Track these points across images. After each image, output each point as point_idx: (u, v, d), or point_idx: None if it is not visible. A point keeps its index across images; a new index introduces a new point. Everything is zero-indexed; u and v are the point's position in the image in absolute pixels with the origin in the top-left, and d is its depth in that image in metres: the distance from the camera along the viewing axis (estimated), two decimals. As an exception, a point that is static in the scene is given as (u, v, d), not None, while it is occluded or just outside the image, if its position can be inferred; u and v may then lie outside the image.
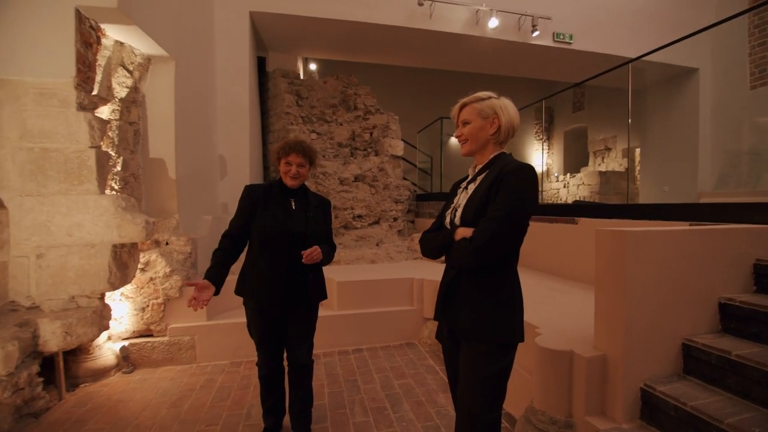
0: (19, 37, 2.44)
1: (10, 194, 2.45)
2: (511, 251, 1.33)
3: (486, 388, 1.28)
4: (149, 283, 3.17)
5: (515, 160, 1.38)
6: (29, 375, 2.28)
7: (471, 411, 1.30)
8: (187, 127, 3.78)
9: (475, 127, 1.40)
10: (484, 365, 1.28)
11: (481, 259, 1.26)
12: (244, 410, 2.47)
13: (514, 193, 1.26)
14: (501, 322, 1.29)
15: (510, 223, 1.24)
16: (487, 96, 1.42)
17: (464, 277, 1.36)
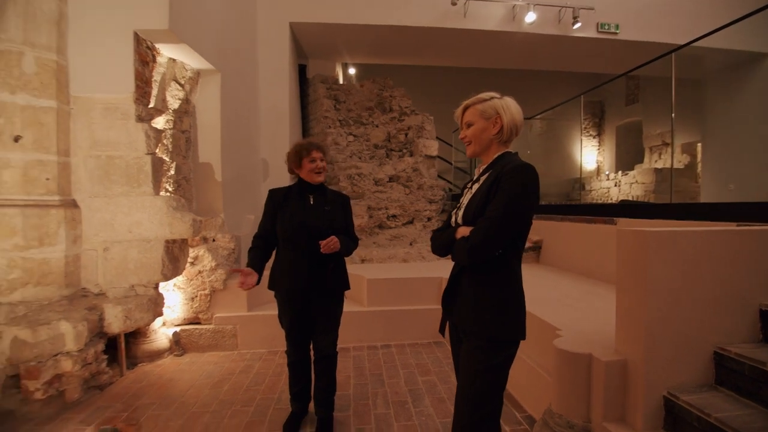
0: (88, 59, 2.83)
1: (82, 196, 2.85)
2: (510, 250, 1.35)
3: (482, 382, 1.32)
4: (197, 276, 3.50)
5: (517, 160, 1.39)
6: (96, 352, 2.64)
7: (465, 404, 1.34)
8: (232, 134, 4.10)
9: (478, 129, 1.43)
10: (480, 360, 1.33)
11: (477, 257, 1.31)
12: (276, 395, 2.67)
13: (510, 193, 1.28)
14: (497, 319, 1.32)
15: (505, 222, 1.27)
16: (489, 96, 1.45)
17: (465, 274, 1.41)
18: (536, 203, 1.37)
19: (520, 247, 1.39)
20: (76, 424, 2.32)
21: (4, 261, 2.55)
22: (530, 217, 1.37)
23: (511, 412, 2.46)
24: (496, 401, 1.37)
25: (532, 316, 2.55)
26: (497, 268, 1.35)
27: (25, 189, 2.61)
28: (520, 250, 1.40)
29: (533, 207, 1.35)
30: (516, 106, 1.45)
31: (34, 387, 2.40)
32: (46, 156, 2.66)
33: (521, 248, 1.40)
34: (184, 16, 3.08)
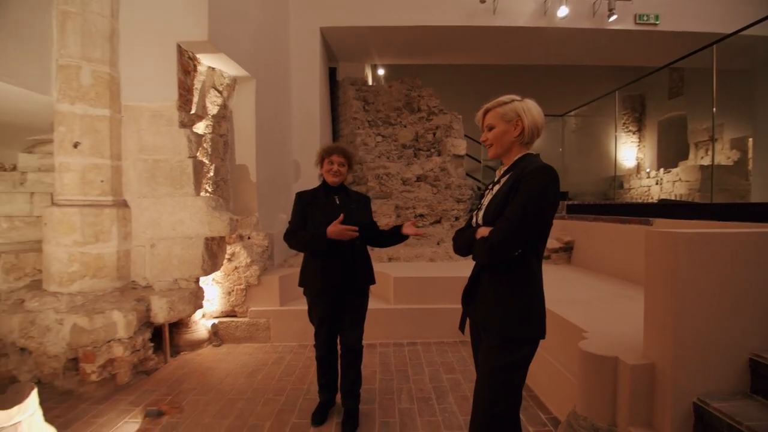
0: (136, 70, 3.07)
1: (132, 196, 3.10)
2: (529, 250, 1.37)
3: (495, 380, 1.36)
4: (234, 271, 3.70)
5: (537, 162, 1.40)
6: (143, 340, 2.88)
7: (481, 401, 1.38)
8: (266, 137, 4.29)
9: (499, 131, 1.46)
10: (496, 357, 1.36)
11: (495, 257, 1.34)
12: (305, 386, 2.80)
13: (530, 194, 1.31)
14: (516, 318, 1.35)
15: (524, 223, 1.30)
16: (509, 99, 1.47)
17: (485, 273, 1.45)
18: (556, 205, 1.38)
19: (540, 248, 1.41)
20: (125, 405, 2.55)
21: (65, 255, 2.83)
22: (550, 219, 1.39)
23: (536, 413, 2.46)
24: (513, 399, 1.40)
25: (558, 318, 2.53)
26: (516, 268, 1.38)
27: (83, 190, 2.88)
28: (540, 250, 1.42)
29: (553, 209, 1.37)
30: (537, 108, 1.47)
31: (90, 370, 2.66)
32: (101, 160, 2.92)
33: (541, 249, 1.42)
34: (222, 28, 3.27)
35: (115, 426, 2.30)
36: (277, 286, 3.72)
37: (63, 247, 2.80)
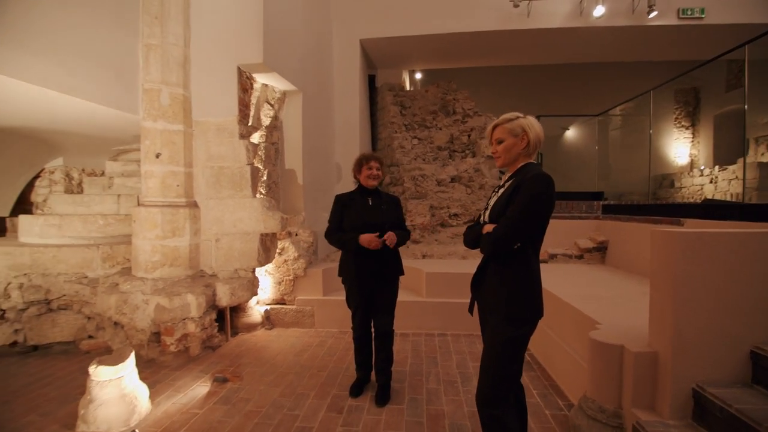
0: (204, 90, 3.61)
1: (201, 198, 3.65)
2: (526, 244, 1.62)
3: (498, 353, 1.62)
4: (284, 264, 4.18)
5: (536, 170, 1.65)
6: (210, 319, 3.40)
7: (486, 369, 1.65)
8: (311, 144, 4.74)
9: (508, 144, 1.71)
10: (499, 333, 1.63)
11: (498, 249, 1.61)
12: (345, 365, 3.18)
13: (528, 197, 1.56)
14: (515, 300, 1.61)
15: (522, 221, 1.55)
16: (515, 116, 1.72)
17: (491, 263, 1.72)
18: (551, 207, 1.62)
19: (537, 243, 1.66)
20: (197, 373, 3.06)
21: (149, 247, 3.41)
22: (546, 218, 1.62)
23: (554, 399, 2.65)
24: (514, 367, 1.65)
25: (576, 311, 2.70)
26: (516, 259, 1.63)
27: (163, 193, 3.45)
28: (537, 244, 1.66)
29: (548, 210, 1.60)
30: (538, 123, 1.71)
31: (169, 342, 3.21)
32: (177, 168, 3.48)
33: (537, 243, 1.66)
34: (274, 50, 3.73)
35: (190, 388, 2.80)
36: (321, 277, 4.14)
37: (147, 240, 3.39)
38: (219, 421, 2.38)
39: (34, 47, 2.90)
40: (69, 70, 3.15)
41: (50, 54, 3.01)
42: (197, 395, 2.70)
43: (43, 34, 2.94)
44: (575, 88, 9.48)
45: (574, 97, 9.56)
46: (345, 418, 2.41)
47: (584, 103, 9.28)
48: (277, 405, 2.56)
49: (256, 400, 2.62)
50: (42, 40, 2.94)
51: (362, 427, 2.31)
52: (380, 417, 2.42)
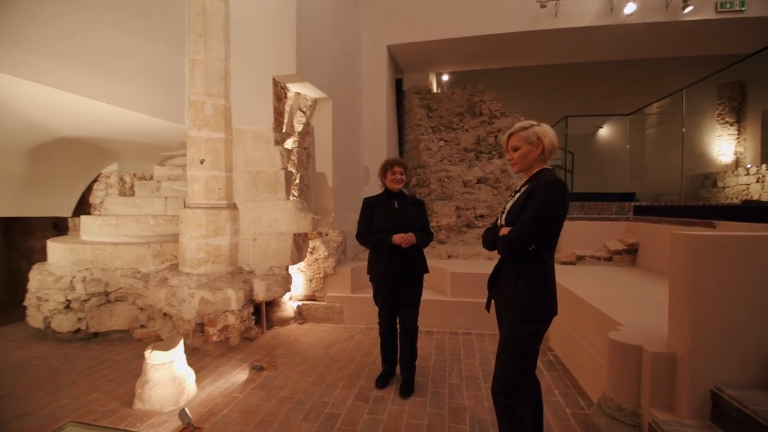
0: (242, 100, 3.89)
1: (239, 200, 3.93)
2: (541, 246, 1.71)
3: (512, 348, 1.73)
4: (315, 262, 4.41)
5: (550, 175, 1.74)
6: (248, 313, 3.67)
7: (501, 363, 1.76)
8: (341, 148, 4.96)
9: (523, 152, 1.81)
10: (514, 329, 1.73)
11: (513, 250, 1.72)
12: (371, 359, 3.35)
13: (541, 202, 1.66)
14: (529, 298, 1.71)
15: (535, 224, 1.65)
16: (529, 125, 1.81)
17: (507, 264, 1.83)
18: (564, 211, 1.71)
19: (551, 244, 1.75)
20: (236, 361, 3.32)
21: (195, 245, 3.72)
22: (559, 222, 1.71)
23: (576, 399, 2.70)
24: (527, 362, 1.75)
25: (598, 312, 2.73)
26: (531, 260, 1.73)
27: (206, 196, 3.76)
28: (551, 246, 1.75)
29: (560, 214, 1.69)
30: (552, 130, 1.80)
31: (212, 332, 3.50)
32: (219, 173, 3.78)
33: (552, 245, 1.75)
34: (306, 61, 3.97)
35: (230, 374, 3.07)
36: (350, 276, 4.34)
37: (193, 239, 3.70)
38: (256, 404, 2.61)
39: (97, 67, 3.26)
40: (126, 86, 3.51)
41: (110, 72, 3.37)
42: (237, 381, 2.95)
43: (105, 56, 3.30)
44: (605, 86, 9.21)
45: (605, 95, 9.29)
46: (371, 407, 2.57)
47: (616, 101, 9.00)
48: (308, 392, 2.77)
49: (289, 388, 2.84)
50: (104, 60, 3.30)
51: (386, 416, 2.46)
52: (404, 408, 2.57)
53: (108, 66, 3.34)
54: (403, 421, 2.41)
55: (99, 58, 3.27)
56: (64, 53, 3.01)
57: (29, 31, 2.78)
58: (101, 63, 3.29)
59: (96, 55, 3.25)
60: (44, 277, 3.91)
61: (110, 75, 3.37)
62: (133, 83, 3.57)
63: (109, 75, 3.36)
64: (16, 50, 2.74)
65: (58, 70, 2.99)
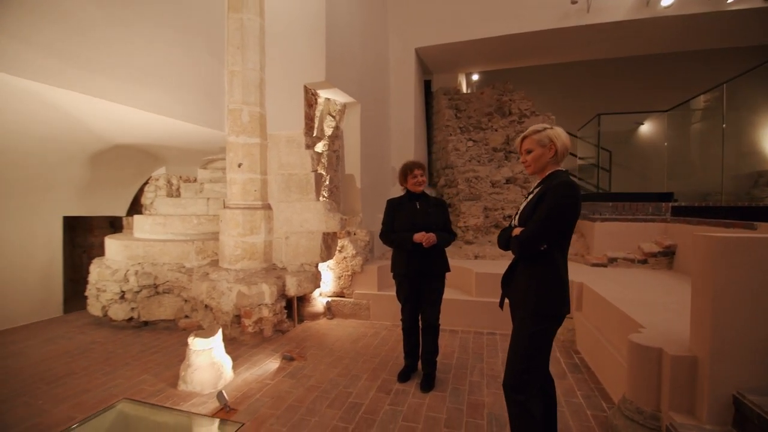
0: (275, 107, 4.14)
1: (273, 201, 4.19)
2: (552, 246, 1.76)
3: (524, 344, 1.79)
4: (343, 260, 4.59)
5: (562, 177, 1.78)
6: (280, 306, 3.90)
7: (513, 358, 1.83)
8: (369, 150, 5.12)
9: (536, 154, 1.86)
10: (526, 327, 1.79)
11: (524, 250, 1.78)
12: (395, 354, 3.47)
13: (551, 204, 1.71)
14: (541, 296, 1.76)
15: (545, 225, 1.71)
16: (542, 128, 1.86)
17: (520, 263, 1.89)
18: (575, 212, 1.74)
19: (563, 244, 1.79)
20: (269, 351, 3.56)
21: (233, 243, 4.01)
22: (570, 222, 1.75)
23: (598, 402, 2.68)
24: (537, 359, 1.81)
25: (623, 315, 2.70)
26: (543, 260, 1.78)
27: (243, 197, 4.04)
28: (563, 246, 1.79)
29: (572, 214, 1.73)
30: (564, 133, 1.84)
31: (248, 323, 3.76)
32: (255, 175, 4.04)
33: (564, 244, 1.79)
34: (335, 68, 4.15)
35: (263, 363, 3.30)
36: (376, 274, 4.49)
37: (231, 237, 3.99)
38: (286, 391, 2.81)
39: (148, 81, 3.61)
40: (172, 98, 3.85)
41: (159, 85, 3.72)
42: (269, 369, 3.17)
43: (155, 71, 3.65)
44: (641, 80, 8.77)
45: (642, 90, 8.85)
46: (392, 399, 2.70)
47: (654, 96, 8.55)
48: (334, 382, 2.94)
49: (317, 377, 3.02)
50: (154, 75, 3.65)
51: (407, 408, 2.58)
52: (424, 401, 2.67)
53: (157, 80, 3.68)
54: (423, 413, 2.52)
55: (150, 74, 3.61)
56: (121, 70, 3.37)
57: (94, 54, 3.15)
58: (151, 77, 3.63)
59: (147, 71, 3.59)
60: (102, 270, 4.36)
61: (159, 88, 3.72)
62: (179, 94, 3.91)
63: (158, 88, 3.71)
64: (83, 71, 3.10)
65: (115, 86, 3.35)
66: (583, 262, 4.74)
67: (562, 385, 2.90)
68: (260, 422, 2.41)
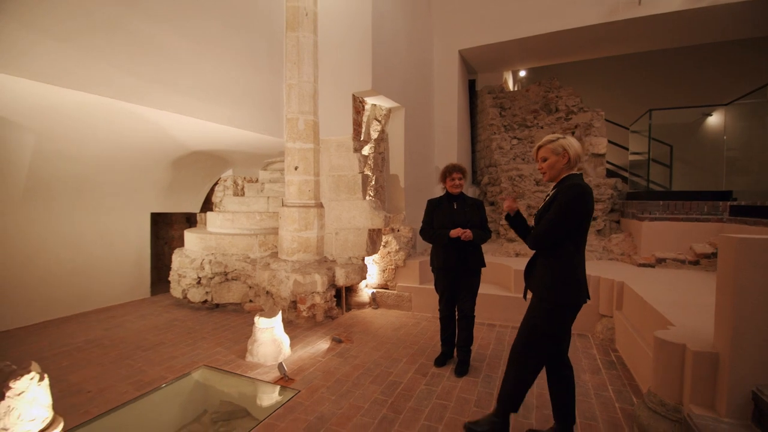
0: (327, 115, 4.56)
1: (325, 200, 4.63)
2: (565, 241, 1.95)
3: (531, 326, 2.03)
4: (387, 255, 4.94)
5: (573, 180, 1.98)
6: (330, 295, 4.34)
7: (519, 338, 2.07)
8: (412, 151, 5.40)
9: (551, 162, 2.07)
10: (536, 311, 2.02)
11: (537, 245, 2.02)
12: (433, 343, 3.75)
13: (560, 203, 1.92)
14: (553, 287, 1.97)
15: (554, 224, 1.92)
16: (555, 138, 2.06)
17: (538, 257, 2.10)
18: (584, 210, 1.91)
19: (578, 240, 1.97)
20: (320, 334, 4.00)
21: (290, 237, 4.51)
22: (579, 220, 1.92)
23: (629, 396, 2.78)
24: (543, 343, 2.02)
25: (655, 312, 2.76)
26: (557, 253, 1.98)
27: (299, 197, 4.52)
28: (578, 241, 1.97)
29: (580, 213, 1.91)
30: (576, 142, 2.04)
31: (302, 309, 4.24)
32: (309, 177, 4.51)
33: (578, 240, 1.97)
34: (380, 77, 4.48)
35: (315, 343, 3.74)
36: (418, 268, 4.78)
37: (289, 232, 4.49)
38: (335, 367, 3.21)
39: (220, 98, 4.19)
40: (239, 111, 4.42)
41: (228, 101, 4.29)
42: (321, 349, 3.61)
43: (225, 88, 4.22)
44: (698, 71, 8.09)
45: (699, 81, 8.17)
46: (428, 380, 2.99)
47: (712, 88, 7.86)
48: (377, 363, 3.29)
49: (362, 358, 3.40)
50: (224, 92, 4.22)
51: (441, 389, 2.86)
52: (457, 384, 2.94)
53: (227, 96, 4.26)
54: (455, 394, 2.79)
55: (221, 92, 4.19)
56: (198, 90, 3.97)
57: (177, 77, 3.75)
58: (223, 95, 4.21)
59: (219, 89, 4.18)
60: (182, 259, 5.08)
61: (229, 103, 4.29)
62: (245, 108, 4.47)
63: (228, 103, 4.28)
64: (171, 92, 3.72)
65: (194, 103, 3.95)
66: (630, 262, 4.67)
67: (594, 380, 3.01)
68: (313, 390, 2.82)
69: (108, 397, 2.79)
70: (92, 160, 4.44)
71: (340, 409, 2.58)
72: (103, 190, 4.90)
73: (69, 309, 4.66)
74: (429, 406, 2.61)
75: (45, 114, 3.50)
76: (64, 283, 4.60)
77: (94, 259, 4.92)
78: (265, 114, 4.68)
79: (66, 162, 4.25)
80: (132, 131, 4.19)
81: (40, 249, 4.36)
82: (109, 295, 5.14)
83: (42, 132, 3.80)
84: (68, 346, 3.73)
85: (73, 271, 4.69)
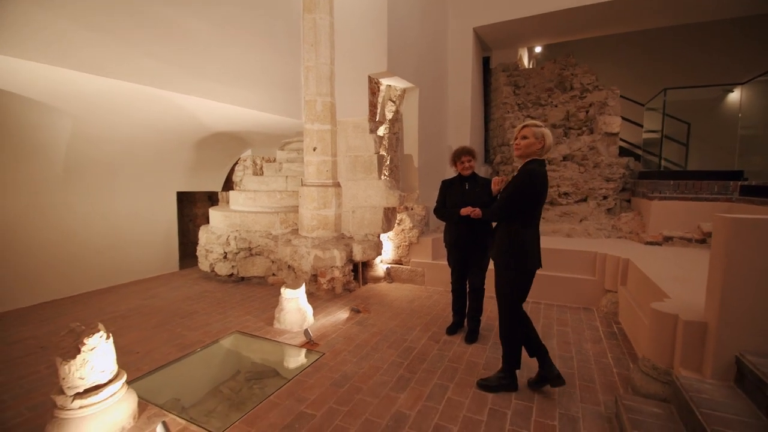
0: (344, 96, 4.70)
1: (342, 180, 4.84)
2: (516, 215, 2.32)
3: (498, 288, 2.47)
4: (401, 232, 5.17)
5: (530, 165, 2.29)
6: (348, 269, 4.62)
7: (497, 298, 2.50)
8: (426, 131, 5.52)
9: (530, 142, 2.32)
10: (499, 275, 2.45)
11: (492, 218, 2.46)
12: (445, 314, 4.02)
13: (514, 185, 2.29)
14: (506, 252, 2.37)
15: (507, 201, 2.31)
16: (540, 125, 2.36)
17: (498, 228, 2.49)
18: (535, 191, 2.26)
19: (527, 216, 2.33)
20: (340, 305, 4.30)
21: (309, 215, 4.76)
22: (527, 198, 2.27)
23: (627, 363, 3.00)
24: (514, 299, 2.44)
25: (653, 285, 2.94)
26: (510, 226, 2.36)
27: (318, 176, 4.73)
28: (527, 217, 2.33)
29: (530, 192, 2.25)
30: (551, 135, 2.37)
31: (322, 281, 4.53)
32: (327, 157, 4.71)
33: (527, 216, 2.33)
34: (396, 58, 4.58)
35: (336, 313, 4.04)
36: (431, 245, 5.00)
37: (308, 210, 4.74)
38: (355, 334, 3.51)
39: (241, 81, 4.36)
40: (259, 94, 4.59)
41: (249, 84, 4.45)
42: (341, 318, 3.91)
43: (247, 72, 4.38)
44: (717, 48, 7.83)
45: (714, 60, 7.91)
46: (440, 346, 3.27)
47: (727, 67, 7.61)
48: (393, 330, 3.58)
49: (378, 326, 3.69)
50: (246, 76, 4.38)
51: (452, 353, 3.13)
52: (467, 350, 3.21)
53: (249, 80, 4.43)
54: (465, 358, 3.06)
55: (242, 76, 4.36)
56: (223, 75, 4.14)
57: (203, 62, 3.93)
58: (244, 79, 4.38)
59: (241, 74, 4.34)
60: (209, 235, 5.41)
61: (250, 86, 4.46)
62: (265, 91, 4.64)
63: (249, 86, 4.45)
64: (197, 78, 3.91)
65: (220, 89, 4.14)
66: (638, 240, 4.80)
67: (595, 348, 3.25)
68: (336, 353, 3.13)
69: (154, 357, 3.15)
70: (124, 142, 4.72)
71: (361, 369, 2.88)
72: (134, 170, 5.20)
73: (107, 281, 5.07)
74: (441, 368, 2.90)
75: (82, 100, 3.74)
76: (102, 257, 4.98)
77: (128, 235, 5.28)
78: (285, 96, 4.84)
79: (100, 144, 4.54)
80: (160, 115, 4.42)
81: (80, 225, 4.73)
82: (142, 269, 5.53)
83: (79, 116, 4.06)
84: (112, 313, 4.12)
85: (110, 246, 5.06)
